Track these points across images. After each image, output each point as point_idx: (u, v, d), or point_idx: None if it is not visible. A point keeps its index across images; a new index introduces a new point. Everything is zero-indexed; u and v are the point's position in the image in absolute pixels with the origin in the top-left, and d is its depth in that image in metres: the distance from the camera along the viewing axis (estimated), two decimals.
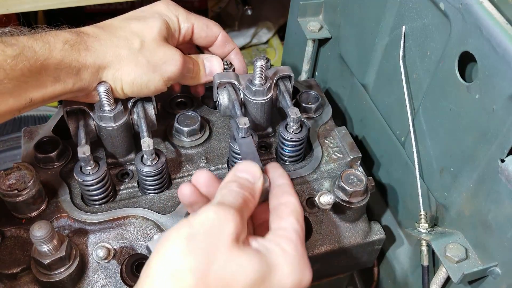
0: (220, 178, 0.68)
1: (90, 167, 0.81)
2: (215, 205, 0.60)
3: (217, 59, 0.94)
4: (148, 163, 0.83)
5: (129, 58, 0.79)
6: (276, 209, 0.67)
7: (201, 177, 0.68)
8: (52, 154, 0.89)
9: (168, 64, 0.82)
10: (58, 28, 0.76)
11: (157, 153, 0.85)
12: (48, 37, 0.73)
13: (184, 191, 0.66)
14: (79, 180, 0.81)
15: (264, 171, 0.70)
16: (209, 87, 1.02)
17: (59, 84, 0.74)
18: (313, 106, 1.02)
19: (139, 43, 0.80)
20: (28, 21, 2.00)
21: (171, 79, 0.84)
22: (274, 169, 0.72)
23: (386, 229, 1.02)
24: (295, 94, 1.03)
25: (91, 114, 0.85)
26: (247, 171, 0.67)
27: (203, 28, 0.91)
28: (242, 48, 2.39)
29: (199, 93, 1.00)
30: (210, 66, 0.93)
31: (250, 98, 0.90)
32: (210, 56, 0.94)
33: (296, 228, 0.64)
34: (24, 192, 0.79)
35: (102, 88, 0.79)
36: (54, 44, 0.72)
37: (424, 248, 0.86)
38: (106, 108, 0.83)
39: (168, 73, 0.83)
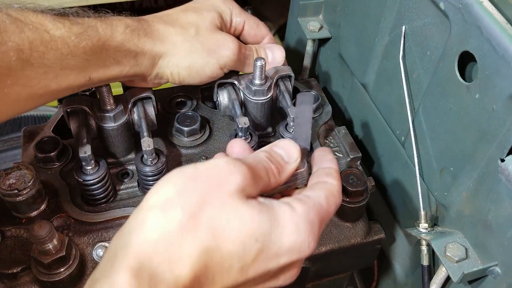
0: None
1: (90, 167, 0.81)
2: (229, 157, 0.58)
3: (280, 48, 0.94)
4: (148, 162, 0.83)
5: (185, 44, 0.82)
6: (312, 185, 0.63)
7: (236, 146, 0.66)
8: (52, 154, 0.88)
9: (222, 48, 0.84)
10: (120, 14, 0.79)
11: (157, 152, 0.85)
12: (112, 20, 0.75)
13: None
14: (79, 179, 0.81)
15: (311, 154, 0.66)
16: (209, 87, 1.02)
17: (117, 66, 0.76)
18: (313, 106, 1.02)
19: (195, 31, 0.83)
20: None
21: (227, 64, 0.86)
22: (324, 153, 0.68)
23: (386, 229, 1.02)
24: (295, 94, 1.03)
25: (91, 113, 0.85)
26: (284, 149, 0.63)
27: (253, 27, 0.93)
28: None
29: None
30: (272, 55, 0.94)
31: (250, 98, 0.90)
32: (272, 45, 0.95)
33: (320, 201, 0.59)
34: (24, 192, 0.78)
35: (102, 88, 0.79)
36: (116, 27, 0.74)
37: (424, 248, 0.86)
38: (106, 108, 0.83)
39: (223, 57, 0.85)
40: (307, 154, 0.67)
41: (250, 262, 0.54)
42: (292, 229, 0.55)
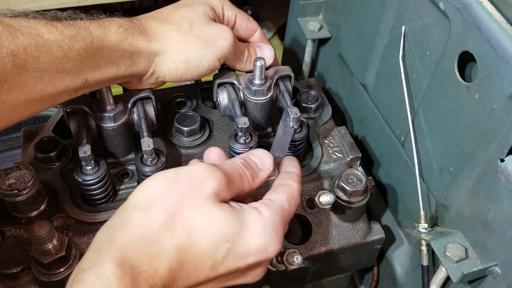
0: None
1: (90, 167, 0.81)
2: (207, 163, 0.64)
3: (268, 46, 0.96)
4: (148, 162, 0.83)
5: (180, 38, 0.82)
6: (275, 187, 0.69)
7: (212, 154, 0.72)
8: (52, 154, 0.89)
9: (219, 38, 0.85)
10: (113, 16, 0.79)
11: (157, 153, 0.85)
12: (104, 21, 0.75)
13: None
14: (79, 179, 0.81)
15: (280, 164, 0.73)
16: (209, 87, 1.02)
17: (112, 67, 0.75)
18: (313, 106, 1.02)
19: (189, 25, 0.83)
20: None
21: (224, 54, 0.86)
22: (290, 160, 0.75)
23: (386, 229, 1.02)
24: (295, 94, 1.03)
25: (91, 113, 0.85)
26: (259, 157, 0.70)
27: (245, 20, 0.95)
28: None
29: None
30: (262, 53, 0.95)
31: (250, 98, 0.90)
32: (260, 44, 0.97)
33: (283, 204, 0.66)
34: (24, 192, 0.79)
35: (102, 88, 0.79)
36: (109, 27, 0.75)
37: (424, 248, 0.86)
38: (106, 108, 0.83)
39: (220, 47, 0.85)
40: (280, 163, 0.74)
41: (221, 260, 0.60)
42: (259, 232, 0.62)
